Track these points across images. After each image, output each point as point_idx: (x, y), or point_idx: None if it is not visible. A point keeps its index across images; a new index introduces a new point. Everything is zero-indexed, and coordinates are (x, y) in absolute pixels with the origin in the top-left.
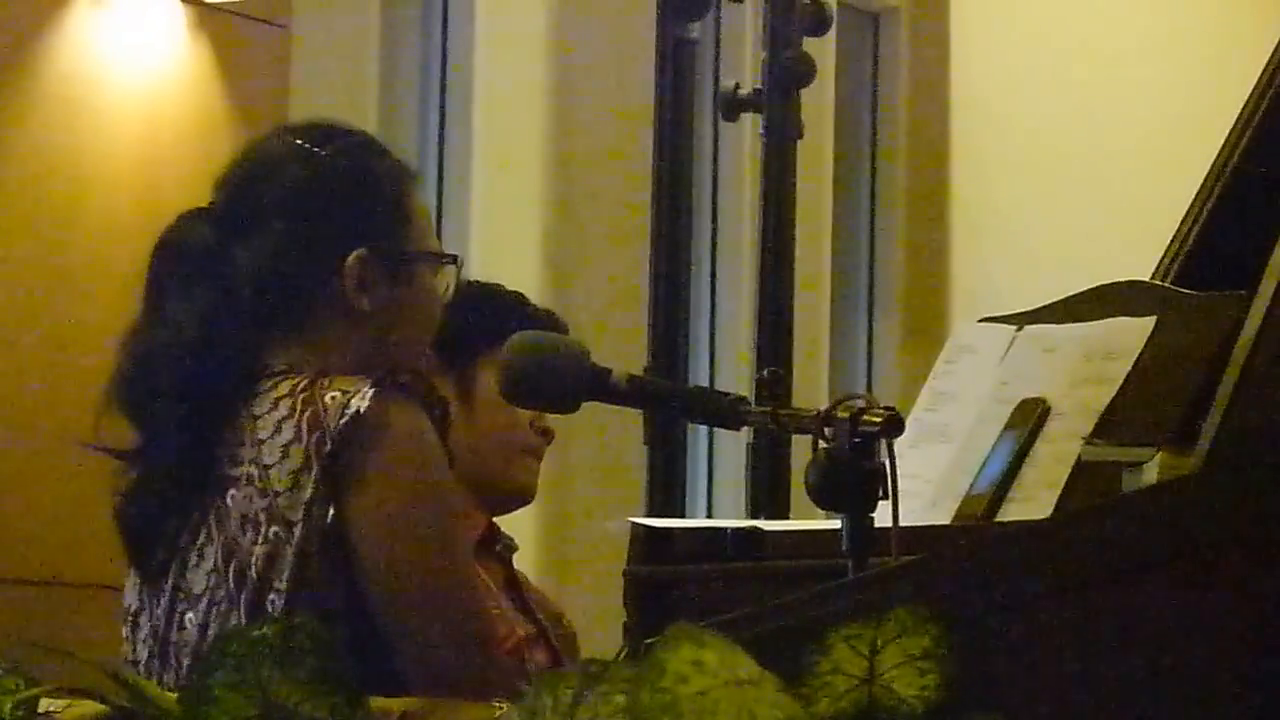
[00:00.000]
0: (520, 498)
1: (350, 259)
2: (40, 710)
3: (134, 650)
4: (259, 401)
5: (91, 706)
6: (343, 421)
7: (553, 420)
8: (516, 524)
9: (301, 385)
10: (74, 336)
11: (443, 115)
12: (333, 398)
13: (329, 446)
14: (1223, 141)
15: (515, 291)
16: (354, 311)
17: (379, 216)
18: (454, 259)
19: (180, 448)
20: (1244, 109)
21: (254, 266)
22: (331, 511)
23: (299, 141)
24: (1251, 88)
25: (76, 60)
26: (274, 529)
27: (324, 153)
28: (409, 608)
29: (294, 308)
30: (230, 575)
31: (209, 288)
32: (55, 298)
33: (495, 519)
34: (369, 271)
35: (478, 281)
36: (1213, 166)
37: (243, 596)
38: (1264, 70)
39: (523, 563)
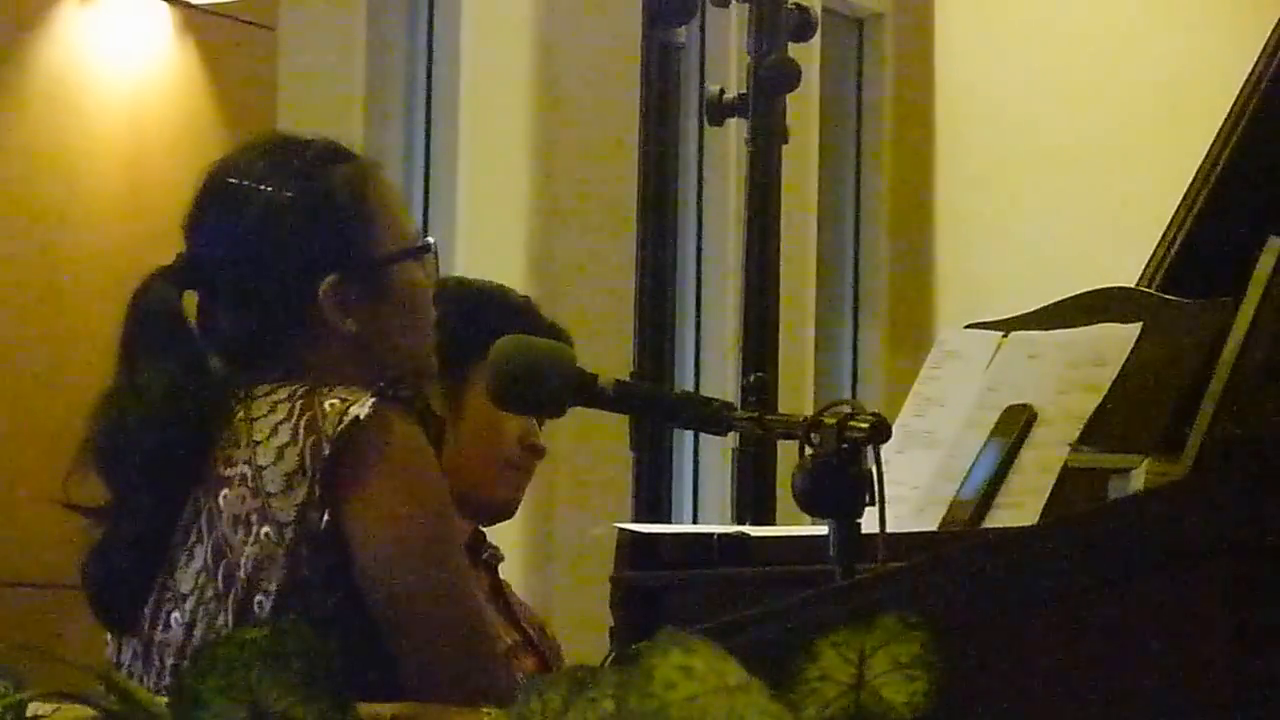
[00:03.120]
0: (501, 512)
1: (323, 288)
2: (29, 714)
3: (118, 651)
4: (256, 404)
5: (81, 711)
6: (341, 428)
7: (543, 436)
8: (502, 529)
9: (300, 391)
10: (66, 338)
11: (429, 118)
12: (332, 405)
13: (327, 451)
14: (1209, 147)
15: (524, 297)
16: (341, 333)
17: (341, 235)
18: (427, 248)
19: (150, 509)
20: (1228, 116)
21: (227, 320)
22: (326, 516)
23: (244, 181)
24: (1237, 94)
25: (63, 62)
26: (265, 530)
27: (270, 188)
28: (408, 614)
29: (278, 347)
30: (219, 575)
31: (179, 350)
32: (45, 298)
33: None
34: (346, 293)
35: (478, 283)
36: (1198, 173)
37: (230, 596)
38: (1248, 77)
39: (508, 568)
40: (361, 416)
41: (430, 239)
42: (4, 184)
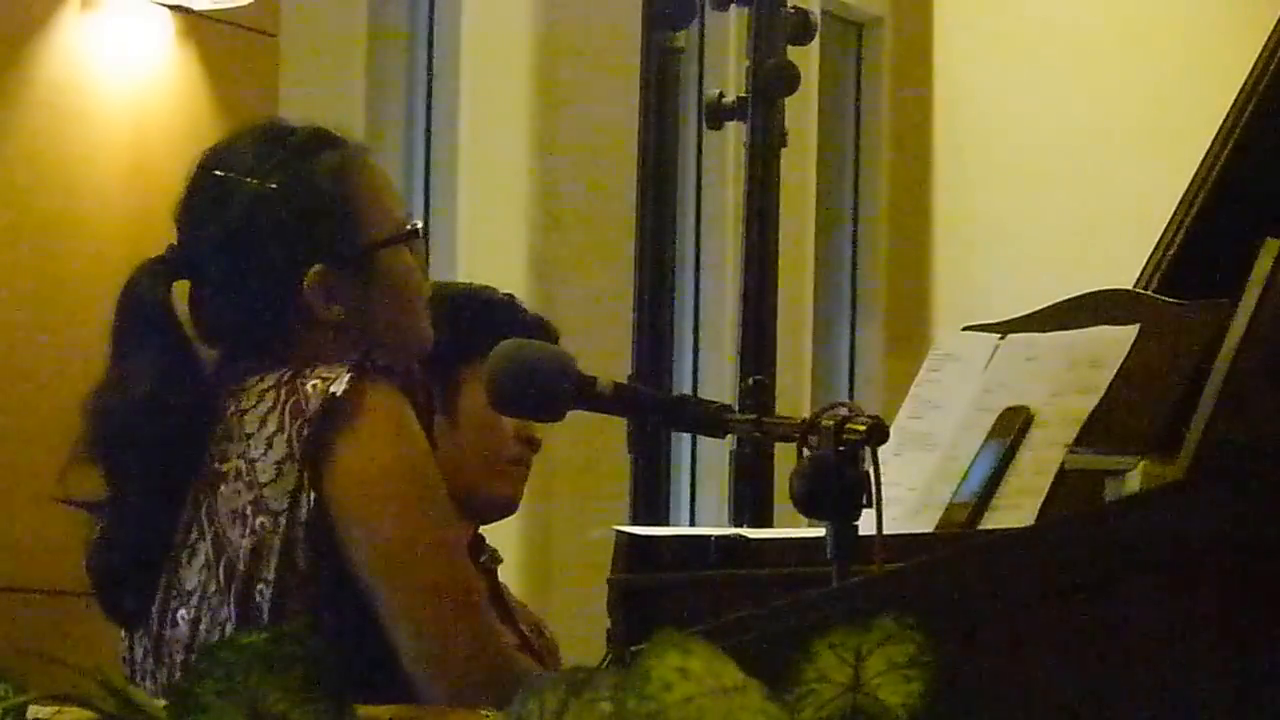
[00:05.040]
0: (503, 509)
1: (308, 278)
2: (30, 717)
3: (131, 649)
4: (246, 396)
5: (81, 714)
6: (321, 406)
7: (538, 428)
8: (500, 531)
9: (285, 377)
10: (66, 343)
11: (429, 122)
12: (313, 385)
13: (307, 431)
14: (1207, 149)
15: (506, 295)
16: (328, 322)
17: (325, 224)
18: (415, 233)
19: (146, 502)
20: (1226, 119)
21: (215, 309)
22: (313, 495)
23: (230, 169)
24: (1235, 96)
25: (65, 69)
26: (260, 520)
27: (254, 176)
28: (391, 578)
29: (265, 337)
30: (220, 569)
31: (165, 339)
32: (46, 304)
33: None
34: (331, 282)
35: (466, 286)
36: (1196, 175)
37: (232, 590)
38: (1246, 80)
39: (506, 570)
40: (339, 392)
41: (416, 222)
42: (5, 190)
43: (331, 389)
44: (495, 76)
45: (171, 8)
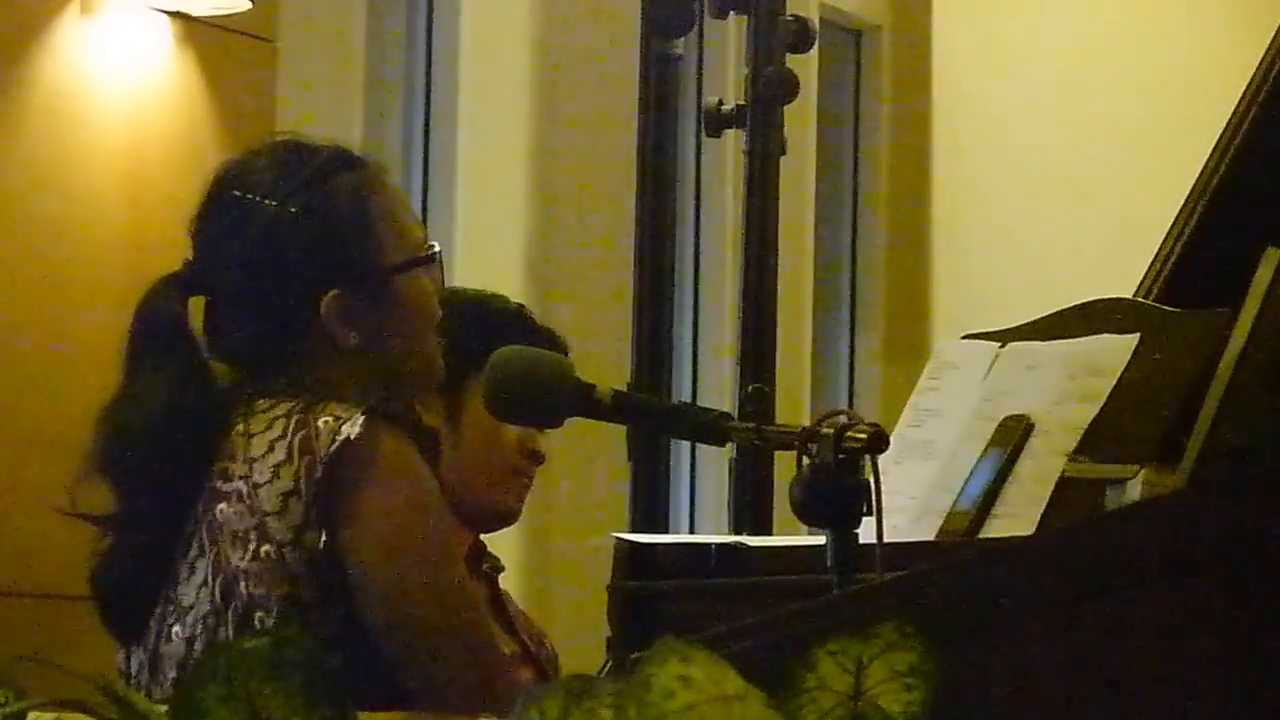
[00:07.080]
0: (503, 519)
1: (325, 303)
2: None
3: (127, 662)
4: (255, 419)
5: (80, 719)
6: (333, 448)
7: (541, 442)
8: (500, 539)
9: (298, 408)
10: (66, 349)
11: (428, 130)
12: (325, 423)
13: (319, 473)
14: (1207, 158)
15: (517, 305)
16: (344, 346)
17: (343, 248)
18: (431, 257)
19: (156, 516)
20: (1226, 127)
21: (231, 327)
22: (324, 538)
23: (248, 189)
24: (1235, 104)
25: (63, 74)
26: (265, 548)
27: (273, 198)
28: (406, 626)
29: (279, 358)
30: (218, 589)
31: (181, 358)
32: (44, 309)
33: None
34: (348, 306)
35: (477, 294)
36: (1196, 184)
37: (230, 612)
38: (1246, 88)
39: (506, 578)
40: (352, 436)
41: (435, 245)
42: (3, 196)
43: (345, 430)
44: (494, 84)
45: (170, 13)
